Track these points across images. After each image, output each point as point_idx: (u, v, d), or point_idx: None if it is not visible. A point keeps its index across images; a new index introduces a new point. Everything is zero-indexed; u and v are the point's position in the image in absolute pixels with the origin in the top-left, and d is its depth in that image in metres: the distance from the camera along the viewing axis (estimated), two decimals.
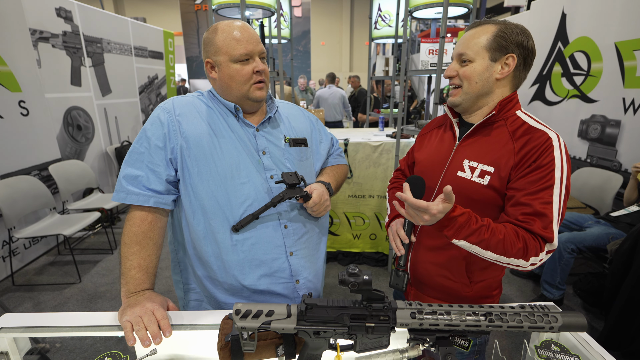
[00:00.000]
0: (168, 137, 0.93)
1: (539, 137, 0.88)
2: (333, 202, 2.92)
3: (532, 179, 0.85)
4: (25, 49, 2.98)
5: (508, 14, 7.61)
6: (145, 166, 0.92)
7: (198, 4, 8.77)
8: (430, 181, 1.03)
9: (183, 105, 0.98)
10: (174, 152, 0.93)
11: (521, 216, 0.85)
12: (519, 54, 0.91)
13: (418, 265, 1.07)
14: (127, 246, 0.91)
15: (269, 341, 0.73)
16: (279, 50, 2.67)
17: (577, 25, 3.06)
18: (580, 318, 0.65)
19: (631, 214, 2.24)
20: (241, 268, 0.97)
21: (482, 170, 0.93)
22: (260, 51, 0.97)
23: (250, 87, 0.97)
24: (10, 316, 0.86)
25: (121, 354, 0.75)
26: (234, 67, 0.94)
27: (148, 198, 0.92)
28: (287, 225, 1.01)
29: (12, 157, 2.88)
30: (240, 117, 1.00)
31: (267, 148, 1.02)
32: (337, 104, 5.88)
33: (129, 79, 4.85)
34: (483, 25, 0.94)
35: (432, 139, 1.12)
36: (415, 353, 0.69)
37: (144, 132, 0.94)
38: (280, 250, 1.00)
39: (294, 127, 1.12)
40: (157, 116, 0.95)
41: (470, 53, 0.93)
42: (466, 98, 0.96)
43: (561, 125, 3.22)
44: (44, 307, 2.51)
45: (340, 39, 15.29)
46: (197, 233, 0.97)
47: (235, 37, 0.93)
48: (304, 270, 1.04)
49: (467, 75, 0.94)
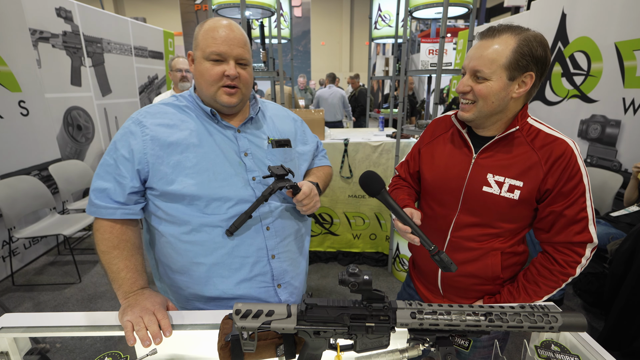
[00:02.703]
0: (137, 148, 0.90)
1: (559, 146, 0.89)
2: (333, 202, 2.92)
3: (565, 191, 0.89)
4: (25, 49, 2.98)
5: (508, 14, 7.61)
6: (113, 178, 0.90)
7: (198, 4, 8.78)
8: (448, 197, 1.02)
9: (155, 114, 0.95)
10: (142, 162, 0.90)
11: (556, 237, 0.93)
12: (537, 70, 0.86)
13: (450, 279, 1.07)
14: (106, 253, 0.90)
15: (269, 341, 0.73)
16: (279, 50, 2.67)
17: (577, 25, 3.07)
18: (580, 318, 0.65)
19: (631, 214, 2.24)
20: (220, 272, 0.95)
21: (510, 185, 0.92)
22: (238, 55, 0.92)
23: (218, 90, 0.93)
24: (10, 316, 0.86)
25: (121, 353, 0.75)
26: (205, 65, 0.91)
27: (115, 210, 0.90)
28: (270, 227, 0.98)
29: (12, 157, 2.88)
30: (219, 120, 0.97)
31: (249, 149, 0.99)
32: (337, 104, 5.88)
33: (129, 79, 4.85)
34: (501, 35, 0.85)
35: (440, 152, 1.07)
36: (415, 353, 0.69)
37: (113, 143, 0.92)
38: (262, 253, 0.97)
39: (278, 128, 1.09)
40: (127, 127, 0.93)
41: (487, 71, 0.86)
42: (480, 115, 0.93)
43: (561, 125, 3.22)
44: (44, 307, 2.51)
45: (340, 39, 15.30)
46: (173, 241, 0.94)
47: (213, 35, 0.90)
48: (286, 274, 1.02)
49: (484, 94, 0.88)
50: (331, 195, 2.90)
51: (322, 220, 3.00)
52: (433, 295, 1.14)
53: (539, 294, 0.96)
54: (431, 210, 1.09)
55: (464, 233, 1.01)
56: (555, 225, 0.93)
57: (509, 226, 0.97)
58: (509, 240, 0.99)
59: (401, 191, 1.15)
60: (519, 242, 1.01)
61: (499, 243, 0.99)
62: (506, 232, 0.98)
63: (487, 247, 0.99)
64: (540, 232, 0.98)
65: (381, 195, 0.88)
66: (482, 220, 0.98)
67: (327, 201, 2.92)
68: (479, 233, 0.99)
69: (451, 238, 1.03)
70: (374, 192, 0.88)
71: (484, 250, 1.00)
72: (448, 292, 1.10)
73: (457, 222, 1.02)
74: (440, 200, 1.05)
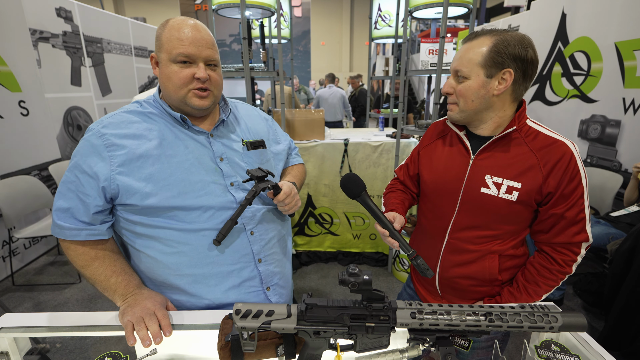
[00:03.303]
0: (100, 164, 0.83)
1: (559, 148, 0.90)
2: (333, 202, 2.92)
3: (566, 193, 0.89)
4: (25, 49, 2.98)
5: (508, 14, 7.61)
6: (76, 196, 0.84)
7: (198, 4, 8.78)
8: (447, 199, 1.03)
9: (118, 125, 0.87)
10: (107, 179, 0.83)
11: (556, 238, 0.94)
12: (517, 68, 0.87)
13: (449, 281, 1.07)
14: (86, 267, 0.87)
15: (269, 341, 0.73)
16: (279, 50, 2.67)
17: (577, 25, 3.07)
18: (580, 318, 0.65)
19: (631, 214, 2.24)
20: (207, 282, 0.92)
21: (509, 186, 0.92)
22: (207, 57, 0.88)
23: (188, 93, 0.88)
24: (10, 316, 0.86)
25: (121, 353, 0.75)
26: (172, 67, 0.86)
27: (79, 232, 0.85)
28: (254, 231, 0.96)
29: (12, 157, 2.88)
30: (190, 125, 0.92)
31: (225, 154, 0.95)
32: (337, 104, 5.89)
33: (129, 79, 4.85)
34: (479, 37, 0.90)
35: (439, 154, 1.07)
36: (415, 353, 0.69)
37: (74, 157, 0.85)
38: (248, 259, 0.96)
39: (250, 129, 1.05)
40: (87, 139, 0.85)
41: (465, 70, 0.90)
42: (464, 115, 0.95)
43: (561, 125, 3.22)
44: (44, 307, 2.51)
45: (340, 39, 15.30)
46: (154, 255, 0.90)
47: (179, 37, 0.85)
48: (274, 276, 1.02)
49: (462, 93, 0.92)
50: (331, 195, 2.90)
51: (322, 220, 3.00)
52: (432, 296, 1.15)
53: (539, 293, 0.97)
54: (430, 212, 1.09)
55: (462, 235, 1.01)
56: (555, 227, 0.93)
57: (507, 228, 0.97)
58: (507, 243, 0.99)
59: (395, 195, 1.16)
60: (518, 244, 1.01)
61: (497, 245, 0.99)
62: (504, 234, 0.98)
63: (484, 250, 0.99)
64: (539, 233, 0.98)
65: (361, 198, 0.88)
66: (480, 222, 0.98)
67: (327, 201, 2.92)
68: (477, 235, 0.99)
69: (449, 240, 1.04)
70: (354, 194, 0.88)
71: (482, 252, 1.00)
72: (446, 293, 1.10)
73: (455, 223, 1.02)
74: (438, 202, 1.06)
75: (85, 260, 0.87)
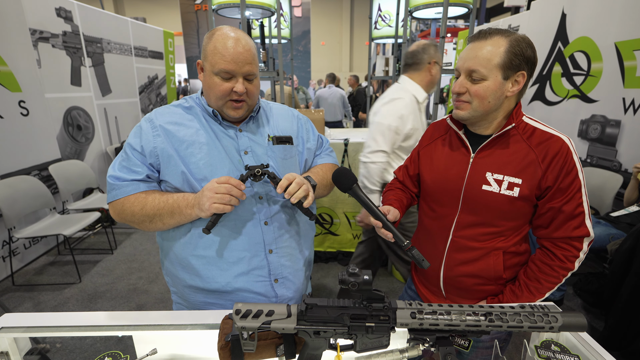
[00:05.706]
0: (147, 143, 0.96)
1: (555, 143, 0.91)
2: (333, 202, 2.92)
3: (563, 186, 0.90)
4: (25, 49, 2.98)
5: (508, 14, 7.61)
6: (128, 169, 0.97)
7: (198, 4, 8.78)
8: (448, 198, 1.03)
9: (164, 114, 1.01)
10: (152, 155, 0.96)
11: (555, 233, 0.95)
12: (528, 70, 0.90)
13: (453, 280, 1.07)
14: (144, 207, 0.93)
15: (269, 341, 0.73)
16: (279, 50, 2.67)
17: (577, 25, 3.07)
18: (580, 318, 0.65)
19: (631, 214, 2.24)
20: (219, 265, 0.98)
21: (510, 183, 0.93)
22: (247, 72, 0.95)
23: (226, 104, 0.97)
24: (10, 316, 0.86)
25: (121, 353, 0.75)
26: (214, 79, 0.95)
27: (138, 185, 0.96)
28: (268, 222, 1.01)
29: (12, 157, 2.88)
30: (221, 120, 1.02)
31: (250, 147, 1.03)
32: (337, 103, 5.88)
33: (129, 79, 4.85)
34: (493, 37, 0.90)
35: (439, 153, 1.08)
36: (415, 353, 0.69)
37: (128, 139, 1.00)
38: (259, 247, 1.00)
39: (279, 126, 1.12)
40: (139, 125, 1.01)
41: (483, 70, 0.89)
42: (475, 114, 0.95)
43: (561, 125, 3.22)
44: (44, 307, 2.51)
45: (340, 39, 15.30)
46: (177, 234, 1.00)
47: (222, 52, 0.92)
48: (283, 269, 1.04)
49: (480, 94, 0.91)
50: (331, 195, 2.90)
51: (322, 220, 3.00)
52: (435, 297, 1.14)
53: (541, 290, 0.98)
54: (432, 212, 1.10)
55: (465, 233, 1.02)
56: (554, 221, 0.94)
57: (509, 224, 0.98)
58: (510, 239, 1.00)
59: (393, 192, 1.17)
60: (521, 241, 1.02)
61: (501, 242, 1.00)
62: (507, 230, 0.99)
63: (489, 247, 1.00)
64: (538, 229, 0.99)
65: (352, 191, 0.90)
66: (483, 219, 0.99)
67: (327, 201, 2.92)
68: (480, 232, 1.00)
69: (453, 238, 1.04)
70: (346, 187, 0.91)
71: (486, 249, 1.00)
72: (450, 292, 1.10)
73: (458, 222, 1.02)
74: (440, 201, 1.06)
75: (141, 203, 0.94)
